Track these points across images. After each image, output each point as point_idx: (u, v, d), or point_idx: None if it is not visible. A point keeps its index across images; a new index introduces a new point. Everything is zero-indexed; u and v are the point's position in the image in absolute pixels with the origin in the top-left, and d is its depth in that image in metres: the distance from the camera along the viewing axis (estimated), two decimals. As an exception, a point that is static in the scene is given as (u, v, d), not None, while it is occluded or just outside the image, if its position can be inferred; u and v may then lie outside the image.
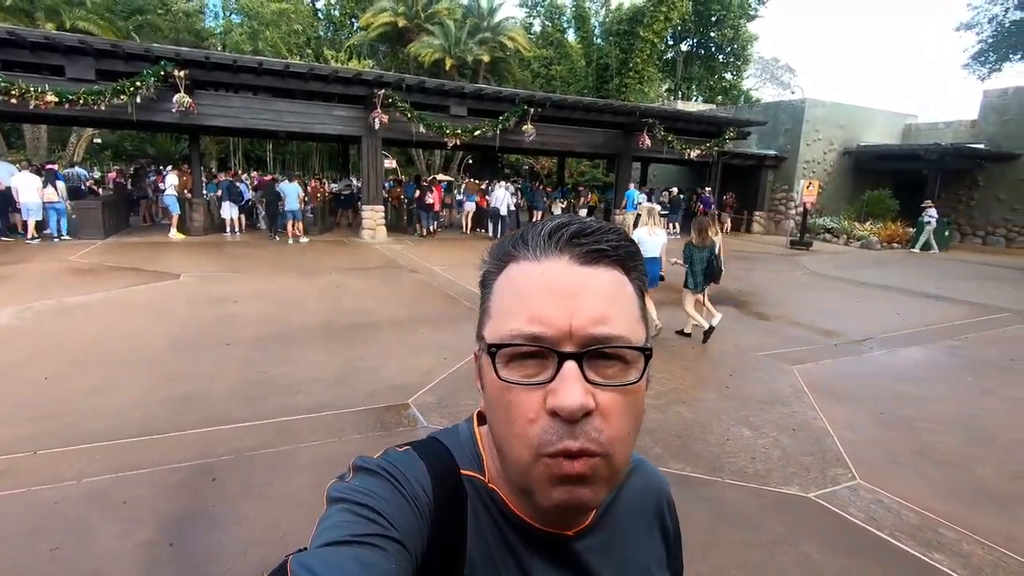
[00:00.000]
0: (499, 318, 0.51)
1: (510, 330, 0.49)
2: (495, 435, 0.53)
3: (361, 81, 12.33)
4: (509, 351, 0.49)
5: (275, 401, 4.05)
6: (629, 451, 0.51)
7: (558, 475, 0.47)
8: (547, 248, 0.51)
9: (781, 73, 40.00)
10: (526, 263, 0.52)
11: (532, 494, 0.50)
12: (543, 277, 0.50)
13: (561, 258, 0.51)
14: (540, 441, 0.47)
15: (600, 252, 0.51)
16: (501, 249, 0.55)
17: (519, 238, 0.54)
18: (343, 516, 0.48)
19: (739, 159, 18.69)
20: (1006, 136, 17.24)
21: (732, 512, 2.94)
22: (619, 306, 0.50)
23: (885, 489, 3.19)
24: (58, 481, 2.92)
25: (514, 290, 0.51)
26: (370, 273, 9.43)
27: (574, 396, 0.46)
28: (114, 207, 13.05)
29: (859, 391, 4.79)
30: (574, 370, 0.47)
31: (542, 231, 0.52)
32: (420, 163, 29.44)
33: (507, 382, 0.49)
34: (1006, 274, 12.09)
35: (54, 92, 9.77)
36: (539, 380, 0.48)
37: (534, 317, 0.48)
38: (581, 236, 0.51)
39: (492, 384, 0.51)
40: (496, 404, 0.51)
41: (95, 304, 6.62)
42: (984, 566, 2.55)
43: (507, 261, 0.54)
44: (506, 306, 0.51)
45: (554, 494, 0.48)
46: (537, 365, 0.48)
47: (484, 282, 0.56)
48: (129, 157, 28.58)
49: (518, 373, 0.49)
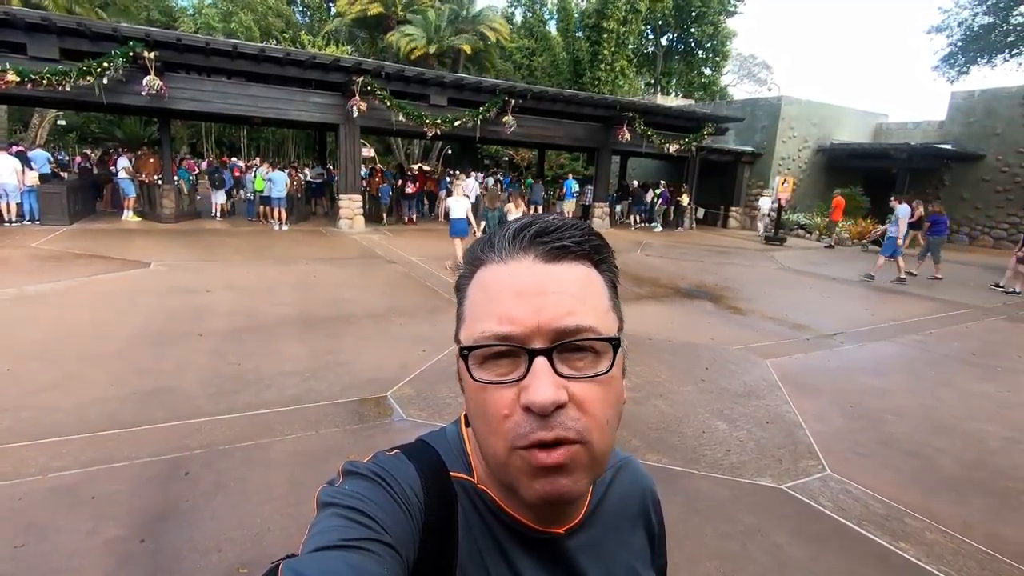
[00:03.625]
0: (471, 321, 0.53)
1: (481, 332, 0.50)
2: (476, 434, 0.54)
3: (339, 67, 12.10)
4: (482, 352, 0.50)
5: (249, 394, 3.98)
6: (609, 439, 0.51)
7: (536, 466, 0.48)
8: (512, 249, 0.52)
9: (758, 70, 40.58)
10: (494, 266, 0.53)
11: (515, 489, 0.51)
12: (510, 278, 0.51)
13: (526, 258, 0.52)
14: (514, 435, 0.48)
15: (563, 248, 0.52)
16: (471, 255, 0.57)
17: (487, 242, 0.55)
18: (334, 521, 0.48)
19: (716, 154, 18.92)
20: (971, 137, 17.80)
21: (707, 503, 2.99)
22: (586, 299, 0.51)
23: (853, 480, 3.29)
24: (22, 476, 2.82)
25: (484, 293, 0.53)
26: (347, 263, 9.31)
27: (545, 391, 0.47)
28: (80, 192, 12.60)
29: (829, 384, 4.92)
30: (544, 365, 0.48)
31: (507, 233, 0.54)
32: (399, 152, 29.10)
33: (481, 382, 0.50)
34: (969, 271, 12.53)
35: (15, 70, 9.35)
36: (512, 378, 0.49)
37: (503, 317, 0.50)
38: (544, 235, 0.52)
39: (469, 385, 0.52)
40: (474, 404, 0.52)
41: (60, 293, 6.39)
42: (946, 554, 2.65)
43: (477, 266, 0.55)
44: (477, 309, 0.53)
45: (535, 485, 0.49)
46: (510, 364, 0.50)
47: (458, 287, 0.57)
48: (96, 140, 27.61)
49: (492, 373, 0.50)
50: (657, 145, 16.32)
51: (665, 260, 11.85)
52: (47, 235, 9.81)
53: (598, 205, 17.16)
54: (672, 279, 9.63)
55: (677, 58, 34.66)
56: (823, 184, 19.98)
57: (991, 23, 22.05)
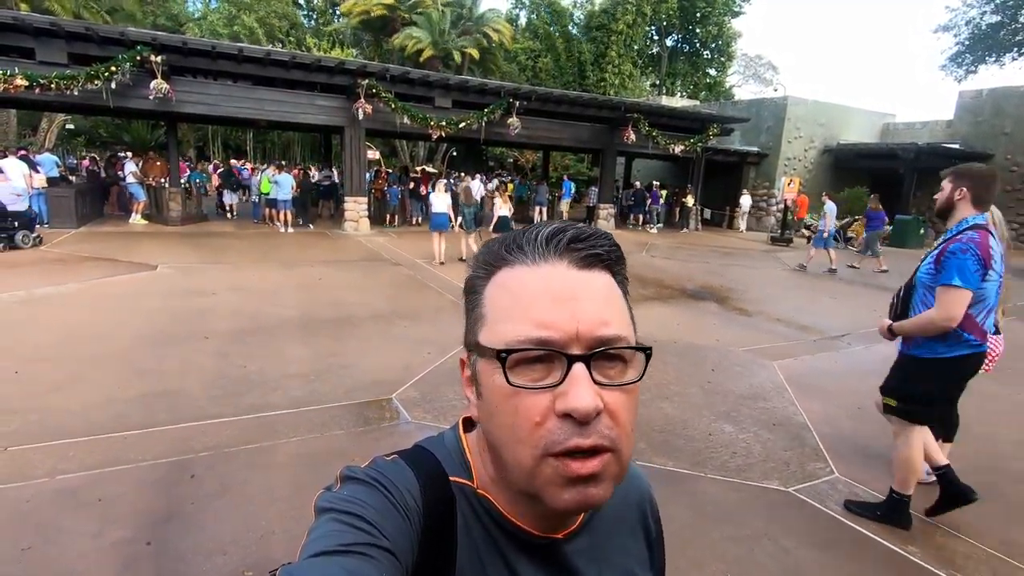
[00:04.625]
0: (499, 324, 0.51)
1: (515, 335, 0.49)
2: (495, 440, 0.52)
3: (344, 70, 12.14)
4: (518, 356, 0.49)
5: (254, 396, 3.98)
6: (632, 447, 0.52)
7: (567, 476, 0.47)
8: (545, 253, 0.52)
9: (764, 71, 40.46)
10: (522, 268, 0.52)
11: (540, 497, 0.50)
12: (544, 282, 0.50)
13: (560, 263, 0.51)
14: (548, 442, 0.47)
15: (596, 257, 0.52)
16: (491, 254, 0.55)
17: (512, 243, 0.54)
18: (332, 526, 0.48)
19: (722, 155, 18.87)
20: (979, 136, 17.67)
21: (713, 507, 2.97)
22: (616, 308, 0.51)
23: (862, 482, 3.26)
24: (28, 479, 2.84)
25: (512, 295, 0.51)
26: (352, 266, 9.33)
27: (587, 398, 0.47)
28: (87, 195, 12.70)
29: (837, 386, 4.88)
30: (584, 372, 0.48)
31: (539, 236, 0.53)
32: (404, 154, 29.16)
33: (517, 387, 0.48)
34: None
35: (24, 75, 9.43)
36: (547, 383, 0.48)
37: (540, 321, 0.48)
38: (578, 241, 0.52)
39: (497, 390, 0.50)
40: (500, 410, 0.50)
41: (68, 296, 6.44)
42: (956, 558, 2.62)
43: (498, 266, 0.54)
44: (506, 311, 0.51)
45: (565, 495, 0.48)
46: (544, 369, 0.49)
47: (471, 288, 0.55)
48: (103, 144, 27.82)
49: (525, 378, 0.49)
50: (662, 146, 16.29)
51: (670, 261, 11.80)
52: (55, 238, 9.88)
53: (603, 207, 17.13)
54: (677, 280, 9.60)
55: (682, 59, 34.59)
56: (830, 184, 19.82)
57: (999, 21, 21.90)
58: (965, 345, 2.59)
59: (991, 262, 2.45)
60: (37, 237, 9.34)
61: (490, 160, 31.65)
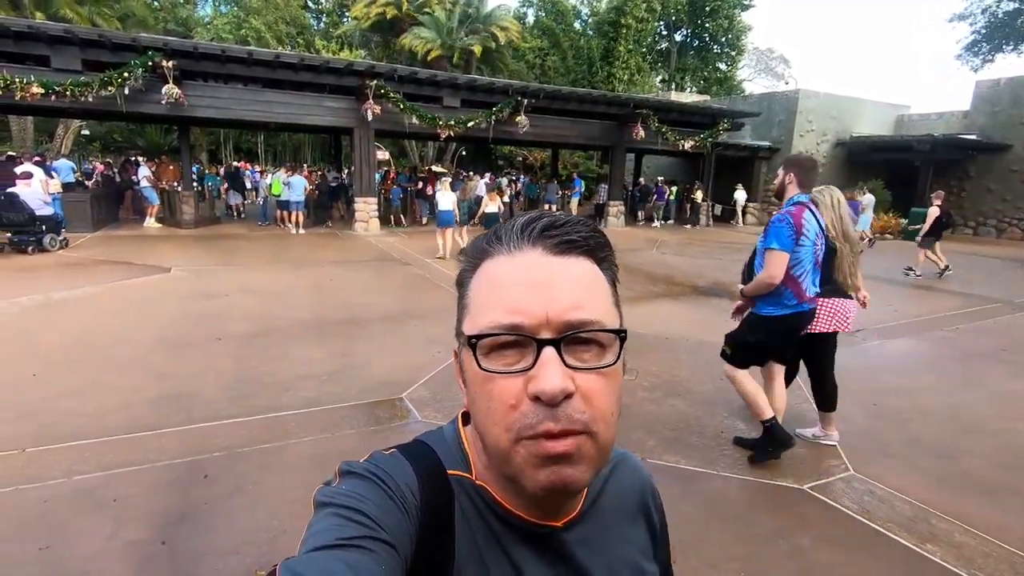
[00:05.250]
0: (477, 312, 0.53)
1: (488, 321, 0.50)
2: (477, 426, 0.54)
3: (353, 72, 12.20)
4: (489, 342, 0.50)
5: (267, 397, 4.02)
6: (613, 431, 0.52)
7: (541, 455, 0.48)
8: (520, 242, 0.53)
9: (775, 64, 40.02)
10: (501, 258, 0.53)
11: (518, 480, 0.50)
12: (517, 269, 0.52)
13: (534, 250, 0.52)
14: (521, 425, 0.48)
15: (571, 243, 0.53)
16: (475, 248, 0.57)
17: (493, 236, 0.55)
18: (331, 520, 0.48)
19: (732, 150, 18.70)
20: (997, 127, 17.33)
21: (727, 505, 2.94)
22: (592, 292, 0.52)
23: (878, 480, 3.20)
24: (46, 479, 2.88)
25: (490, 284, 0.53)
26: (363, 266, 9.38)
27: (554, 380, 0.47)
28: (103, 200, 12.90)
29: (851, 382, 4.79)
30: (553, 355, 0.48)
31: (514, 227, 0.54)
32: (413, 155, 29.25)
33: (488, 371, 0.50)
34: (997, 264, 12.19)
35: (40, 83, 9.60)
36: (519, 368, 0.49)
37: (511, 307, 0.50)
38: (552, 228, 0.53)
39: (474, 376, 0.52)
40: (478, 395, 0.52)
41: (84, 299, 6.54)
42: (976, 556, 2.56)
43: (482, 259, 0.55)
44: (483, 300, 0.53)
45: (540, 475, 0.49)
46: (517, 354, 0.50)
47: (460, 281, 0.58)
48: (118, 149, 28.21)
49: (499, 363, 0.50)
50: (672, 142, 16.18)
51: (681, 258, 11.72)
52: (72, 242, 10.04)
53: (613, 204, 17.05)
54: (688, 277, 9.52)
55: (691, 53, 34.34)
56: (843, 178, 19.60)
57: (1016, 9, 21.47)
58: (786, 306, 3.12)
59: (803, 230, 3.01)
60: (63, 240, 9.55)
61: (499, 159, 31.63)
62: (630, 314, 3.42)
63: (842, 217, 3.34)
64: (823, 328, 3.38)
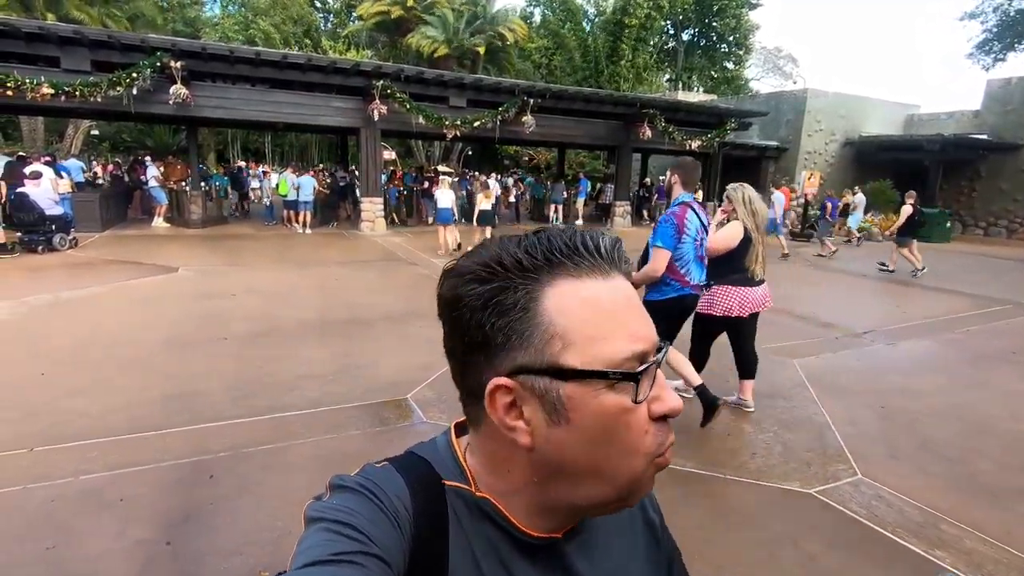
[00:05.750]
0: (591, 341, 0.48)
1: (619, 353, 0.48)
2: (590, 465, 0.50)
3: (359, 72, 12.22)
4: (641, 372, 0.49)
5: (271, 397, 4.02)
6: None
7: (662, 466, 0.52)
8: (609, 263, 0.52)
9: (783, 63, 39.74)
10: (597, 281, 0.50)
11: (631, 497, 0.53)
12: (617, 293, 0.51)
13: (620, 273, 0.53)
14: (655, 446, 0.51)
15: (628, 263, 0.55)
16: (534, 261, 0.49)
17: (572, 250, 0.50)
18: (322, 536, 0.47)
19: (740, 150, 18.59)
20: (1009, 126, 17.12)
21: (732, 509, 2.92)
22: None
23: (886, 484, 3.17)
24: (53, 479, 2.90)
25: (602, 311, 0.49)
26: (368, 266, 9.40)
27: (677, 397, 0.51)
28: (111, 199, 12.99)
29: (860, 385, 4.77)
30: (662, 375, 0.51)
31: (594, 245, 0.51)
32: (419, 154, 29.29)
33: (638, 402, 0.49)
34: (1008, 266, 12.05)
35: (50, 83, 9.68)
36: (651, 394, 0.51)
37: (636, 335, 0.50)
38: (615, 249, 0.54)
39: (606, 411, 0.48)
40: (610, 430, 0.49)
41: (92, 298, 6.58)
42: (986, 563, 2.53)
43: (556, 275, 0.49)
44: (598, 328, 0.48)
45: (650, 484, 0.53)
46: (646, 381, 0.50)
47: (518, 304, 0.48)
48: (127, 149, 28.40)
49: (630, 394, 0.49)
50: (679, 142, 16.10)
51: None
52: (81, 242, 10.12)
53: (619, 204, 17.00)
54: (695, 278, 9.46)
55: (699, 53, 34.18)
56: (852, 178, 19.44)
57: (1029, 7, 21.22)
58: (671, 289, 3.53)
59: (685, 229, 3.44)
60: (73, 239, 9.63)
61: (505, 159, 31.62)
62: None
63: (755, 212, 3.71)
64: (738, 313, 3.77)
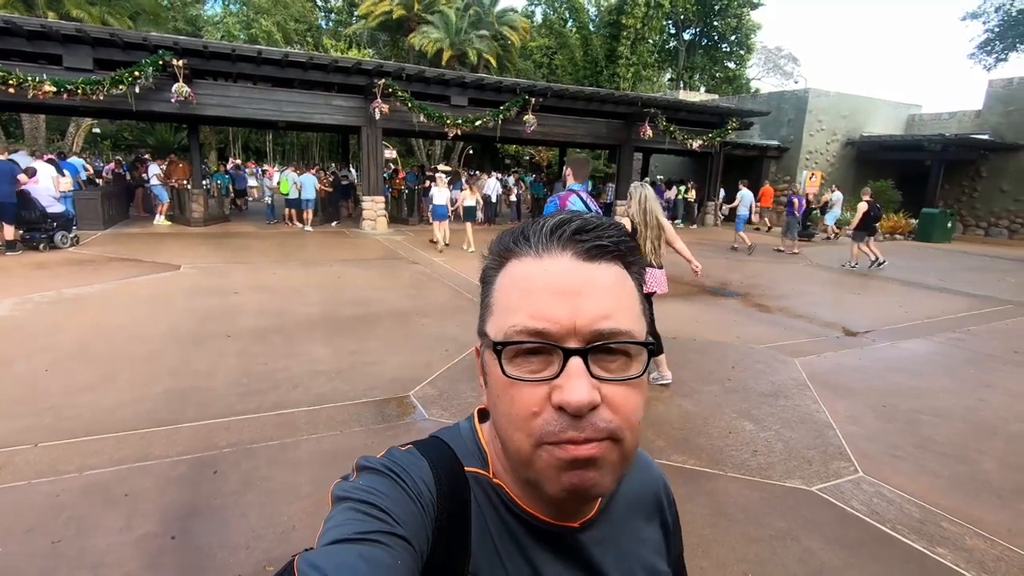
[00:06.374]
0: (502, 315, 0.52)
1: (514, 327, 0.49)
2: (498, 429, 0.54)
3: (361, 70, 12.23)
4: (514, 348, 0.49)
5: (276, 394, 4.04)
6: (637, 439, 0.52)
7: (565, 459, 0.48)
8: (549, 245, 0.52)
9: (784, 63, 39.71)
10: (528, 259, 0.52)
11: (538, 484, 0.50)
12: (546, 274, 0.50)
13: (564, 255, 0.51)
14: (543, 432, 0.48)
15: (602, 248, 0.51)
16: (501, 245, 0.55)
17: (520, 234, 0.54)
18: (348, 515, 0.48)
19: (741, 150, 18.59)
20: (1011, 126, 17.12)
21: (734, 506, 2.93)
22: (622, 301, 0.51)
23: (887, 482, 3.18)
24: (59, 474, 2.91)
25: (517, 287, 0.52)
26: (371, 264, 9.41)
27: (581, 392, 0.46)
28: (113, 198, 13.00)
29: (861, 384, 4.78)
30: (580, 366, 0.48)
31: (544, 227, 0.53)
32: (420, 153, 29.30)
33: (512, 378, 0.49)
34: (1009, 266, 12.06)
35: (52, 82, 9.69)
36: (544, 376, 0.49)
37: (538, 314, 0.49)
38: (584, 232, 0.52)
39: (497, 379, 0.51)
40: (500, 399, 0.51)
41: (95, 296, 6.60)
42: (987, 560, 2.54)
43: (508, 257, 0.54)
44: (509, 303, 0.51)
45: (562, 479, 0.48)
46: (542, 361, 0.49)
47: (485, 278, 0.56)
48: (129, 147, 28.44)
49: (523, 369, 0.49)
50: (680, 141, 16.10)
51: (689, 258, 11.66)
52: (83, 239, 10.13)
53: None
54: (696, 277, 9.46)
55: (700, 52, 34.13)
56: (853, 178, 19.44)
57: (1031, 7, 21.19)
58: None
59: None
60: (75, 237, 9.65)
61: (506, 158, 31.62)
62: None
63: (644, 210, 4.31)
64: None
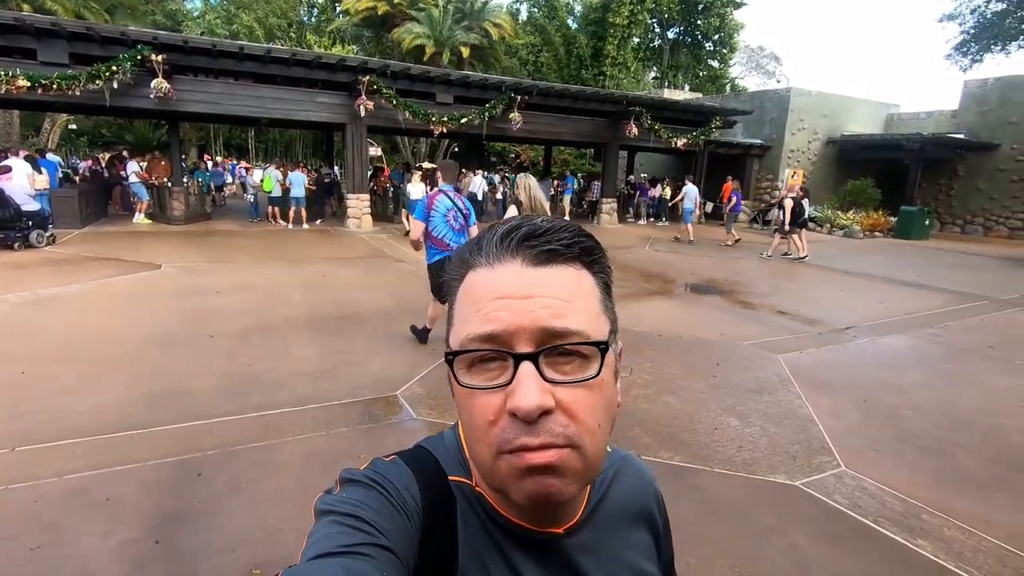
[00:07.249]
0: (458, 326, 0.52)
1: (468, 336, 0.50)
2: (464, 439, 0.55)
3: (345, 67, 12.11)
4: (468, 357, 0.50)
5: (260, 395, 3.99)
6: (602, 443, 0.51)
7: (523, 467, 0.47)
8: (500, 253, 0.52)
9: (767, 62, 40.16)
10: (483, 270, 0.52)
11: (505, 492, 0.50)
12: (496, 283, 0.50)
13: (514, 262, 0.51)
14: (499, 440, 0.48)
15: (552, 252, 0.51)
16: (460, 257, 0.55)
17: (475, 245, 0.54)
18: (332, 528, 0.48)
19: (725, 148, 18.76)
20: (985, 126, 17.51)
21: (720, 501, 2.97)
22: (575, 302, 0.50)
23: (869, 476, 3.24)
24: (37, 479, 2.85)
25: (470, 297, 0.52)
26: (356, 263, 9.34)
27: (530, 397, 0.46)
28: (91, 195, 12.74)
29: (843, 379, 4.86)
30: (530, 370, 0.47)
31: (494, 237, 0.52)
32: (405, 151, 29.12)
33: (468, 387, 0.49)
34: (984, 262, 12.34)
35: (25, 76, 9.45)
36: (498, 383, 0.48)
37: (487, 321, 0.49)
38: (532, 238, 0.51)
39: (456, 391, 0.52)
40: (461, 410, 0.52)
41: (73, 296, 6.46)
42: (965, 551, 2.60)
43: (466, 269, 0.54)
44: (464, 314, 0.52)
45: (523, 486, 0.48)
46: (498, 368, 0.49)
47: (449, 291, 0.56)
48: (106, 144, 27.85)
49: (479, 378, 0.49)
50: (665, 139, 16.21)
51: (673, 255, 11.77)
52: (60, 238, 9.90)
53: (606, 201, 17.08)
54: (681, 274, 9.57)
55: (684, 51, 34.38)
56: (834, 176, 19.74)
57: (1005, 9, 21.67)
58: (434, 252, 4.82)
59: (433, 207, 4.69)
60: (51, 236, 9.44)
61: (492, 156, 31.56)
62: (624, 312, 3.44)
63: (532, 197, 4.63)
64: None
